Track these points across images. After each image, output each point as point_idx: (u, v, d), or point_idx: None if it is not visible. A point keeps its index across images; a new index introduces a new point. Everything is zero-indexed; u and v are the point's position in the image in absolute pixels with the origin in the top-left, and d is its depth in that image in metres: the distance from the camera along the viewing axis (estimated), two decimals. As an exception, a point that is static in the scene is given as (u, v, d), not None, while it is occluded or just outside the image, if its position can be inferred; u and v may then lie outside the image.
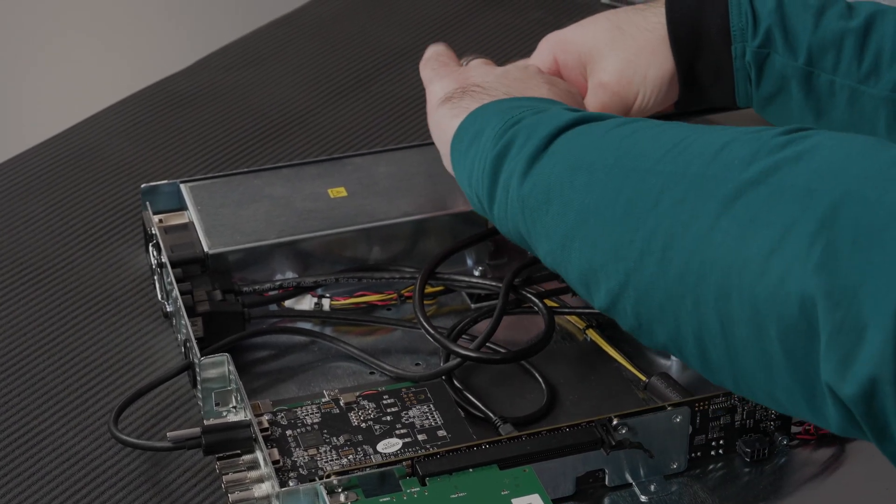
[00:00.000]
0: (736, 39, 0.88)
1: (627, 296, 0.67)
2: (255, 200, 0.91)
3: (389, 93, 1.14)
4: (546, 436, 0.74)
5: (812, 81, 0.88)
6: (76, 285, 0.92)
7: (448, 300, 0.89)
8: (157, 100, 1.13)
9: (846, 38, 0.87)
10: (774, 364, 0.60)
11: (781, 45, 0.88)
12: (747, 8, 0.88)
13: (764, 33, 0.88)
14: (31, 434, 0.81)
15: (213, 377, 0.79)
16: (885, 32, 0.87)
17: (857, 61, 0.87)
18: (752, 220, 0.61)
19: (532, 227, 0.73)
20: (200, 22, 2.00)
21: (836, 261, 0.57)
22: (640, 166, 0.67)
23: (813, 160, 0.61)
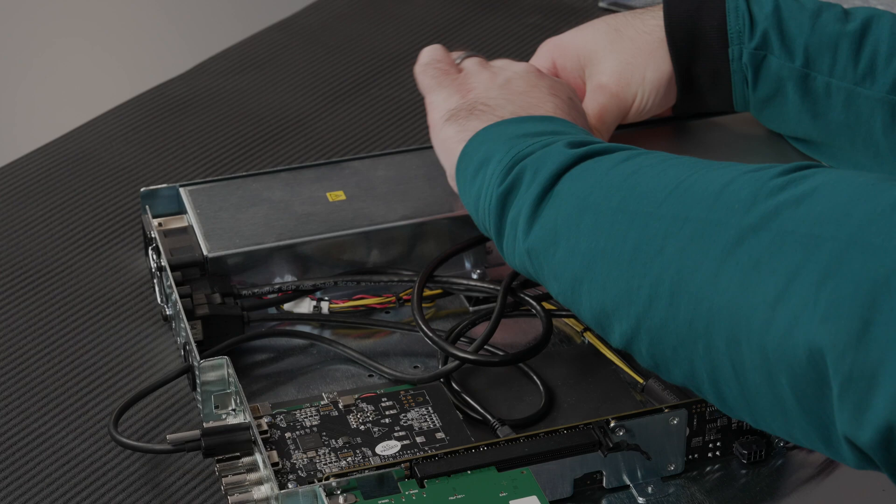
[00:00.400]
0: (733, 42, 0.89)
1: (641, 338, 0.67)
2: (254, 204, 0.92)
3: (387, 97, 1.14)
4: (544, 438, 0.74)
5: (808, 83, 0.89)
6: (76, 289, 0.92)
7: (446, 303, 0.90)
8: (155, 104, 1.14)
9: (842, 40, 0.88)
10: (788, 409, 0.61)
11: (778, 47, 0.88)
12: (744, 11, 0.89)
13: (761, 35, 0.88)
14: (31, 437, 0.81)
15: (212, 380, 0.79)
16: (881, 35, 0.88)
17: (852, 63, 0.88)
18: (755, 266, 0.61)
19: (540, 269, 0.73)
20: (199, 27, 2.01)
21: (841, 310, 0.57)
22: (643, 209, 0.67)
23: (814, 204, 0.61)
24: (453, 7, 1.28)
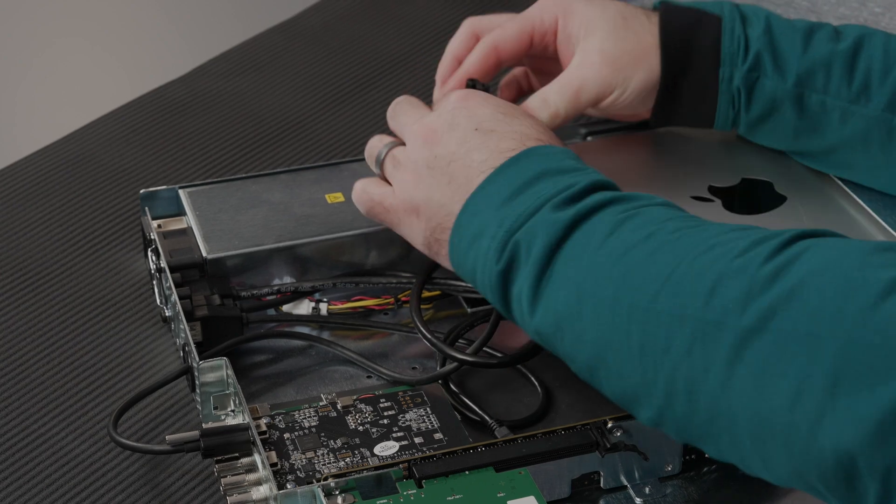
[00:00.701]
0: (725, 63, 0.89)
1: (668, 426, 0.68)
2: (254, 206, 0.92)
3: (387, 99, 1.14)
4: (541, 438, 0.74)
5: (803, 101, 0.89)
6: (76, 290, 0.93)
7: (445, 305, 0.90)
8: (155, 106, 1.14)
9: (835, 59, 0.88)
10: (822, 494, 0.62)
11: (771, 68, 0.89)
12: (740, 33, 0.89)
13: (754, 57, 0.89)
14: (30, 438, 0.81)
15: (211, 381, 0.79)
16: (873, 54, 0.88)
17: (846, 82, 0.88)
18: (764, 371, 0.62)
19: (553, 349, 0.74)
20: (199, 28, 2.01)
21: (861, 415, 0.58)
22: (639, 303, 0.68)
23: (805, 300, 0.62)
24: (454, 9, 1.28)
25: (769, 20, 0.90)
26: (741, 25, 0.89)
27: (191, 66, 1.20)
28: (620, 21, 0.89)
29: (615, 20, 0.89)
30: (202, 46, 1.43)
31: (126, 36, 2.02)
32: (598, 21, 0.89)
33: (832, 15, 1.22)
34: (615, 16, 0.89)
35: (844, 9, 1.22)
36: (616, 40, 0.89)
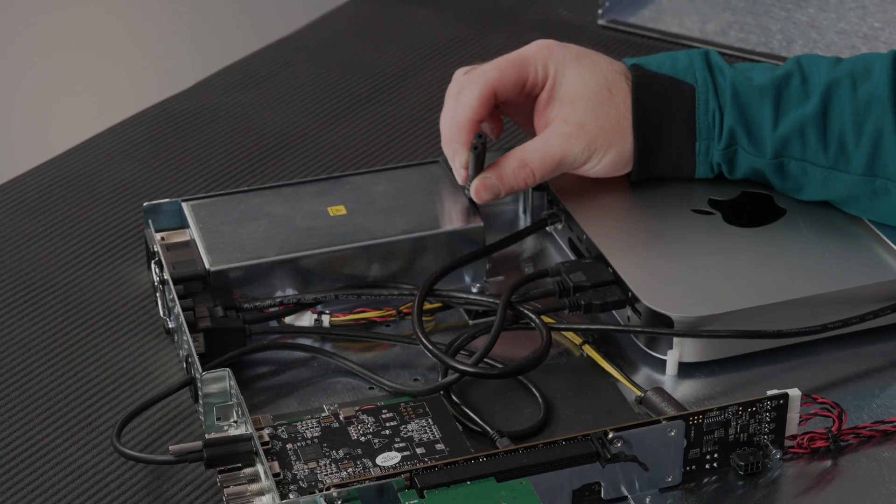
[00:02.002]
0: (701, 137, 0.90)
1: None
2: (256, 218, 0.92)
3: (388, 113, 1.15)
4: (542, 449, 0.75)
5: (785, 168, 0.90)
6: (79, 302, 0.93)
7: (446, 316, 0.90)
8: (158, 120, 1.14)
9: (807, 125, 0.88)
10: None
11: (747, 143, 0.89)
12: (714, 107, 0.89)
13: (728, 135, 0.89)
14: (35, 448, 0.82)
15: (214, 392, 0.79)
16: (844, 110, 0.88)
17: (822, 147, 0.88)
18: None
19: None
20: (201, 44, 2.02)
21: None
22: None
23: None
24: (454, 25, 1.29)
25: (735, 87, 0.89)
26: (714, 97, 0.89)
27: (193, 81, 1.21)
28: (606, 94, 0.89)
29: (601, 92, 0.89)
30: (204, 61, 1.44)
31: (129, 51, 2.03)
32: (584, 90, 0.89)
33: (832, 30, 1.22)
34: (601, 85, 0.90)
35: (844, 24, 1.22)
36: (597, 116, 0.89)
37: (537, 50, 0.91)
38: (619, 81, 0.90)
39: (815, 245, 0.90)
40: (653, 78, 0.90)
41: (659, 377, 0.86)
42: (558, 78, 0.90)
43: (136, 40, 2.02)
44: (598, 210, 0.93)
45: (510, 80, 0.90)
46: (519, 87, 0.91)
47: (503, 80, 0.90)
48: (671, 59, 0.91)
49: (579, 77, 0.90)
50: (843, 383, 0.85)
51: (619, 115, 0.90)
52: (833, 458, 0.80)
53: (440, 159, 0.98)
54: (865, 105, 0.88)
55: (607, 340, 0.88)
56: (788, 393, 0.78)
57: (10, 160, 1.74)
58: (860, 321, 0.86)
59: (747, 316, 0.85)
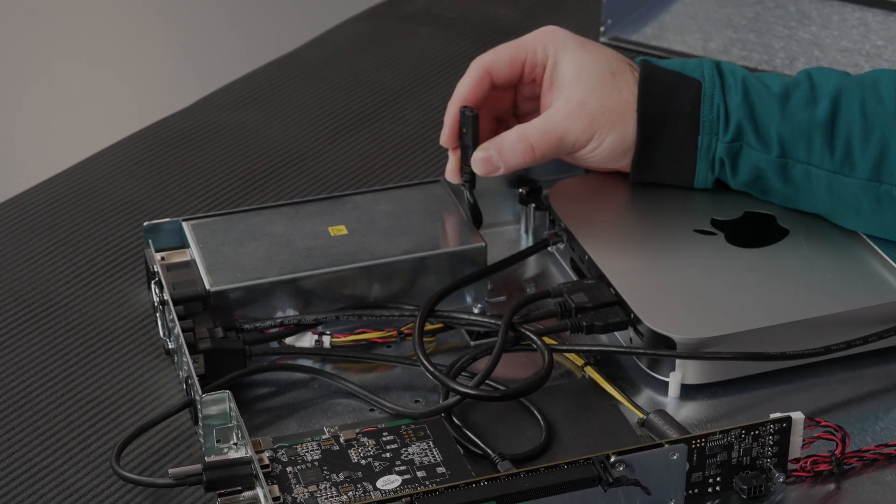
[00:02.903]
0: (704, 131, 0.89)
1: None
2: (256, 238, 0.92)
3: (389, 131, 1.15)
4: (544, 473, 0.74)
5: (787, 171, 0.90)
6: (79, 322, 0.93)
7: (447, 337, 0.90)
8: (159, 138, 1.14)
9: (814, 129, 0.88)
10: None
11: (753, 138, 0.89)
12: (720, 101, 0.89)
13: (735, 128, 0.89)
14: (33, 470, 0.81)
15: (214, 414, 0.79)
16: (852, 118, 0.88)
17: (828, 151, 0.88)
18: None
19: None
20: (202, 61, 2.02)
21: None
22: None
23: None
24: (455, 43, 1.28)
25: (746, 85, 0.90)
26: (720, 92, 0.90)
27: (194, 99, 1.21)
28: (608, 76, 0.90)
29: (603, 74, 0.90)
30: (206, 79, 1.44)
31: (130, 68, 2.03)
32: (587, 71, 0.90)
33: (835, 48, 1.22)
34: (604, 69, 0.90)
35: (847, 41, 1.22)
36: (599, 96, 0.89)
37: (539, 34, 0.92)
38: (623, 69, 0.91)
39: (818, 266, 0.90)
40: (661, 72, 0.91)
41: (661, 399, 0.85)
42: (559, 60, 0.90)
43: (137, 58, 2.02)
44: (600, 230, 0.93)
45: (504, 60, 0.91)
46: (516, 69, 0.91)
47: (497, 61, 0.91)
48: (682, 61, 0.93)
49: (580, 59, 0.90)
50: (846, 406, 0.85)
51: (622, 99, 0.90)
52: (836, 482, 0.79)
53: (441, 179, 0.97)
54: (873, 114, 0.88)
55: (609, 362, 0.87)
56: (792, 416, 0.77)
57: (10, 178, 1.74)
58: (863, 343, 0.86)
59: (750, 338, 0.84)
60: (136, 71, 2.03)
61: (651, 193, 0.97)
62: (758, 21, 1.27)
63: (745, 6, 1.29)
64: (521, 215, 0.98)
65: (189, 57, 2.03)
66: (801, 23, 1.25)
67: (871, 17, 1.25)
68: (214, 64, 1.95)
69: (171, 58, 2.04)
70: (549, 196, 0.96)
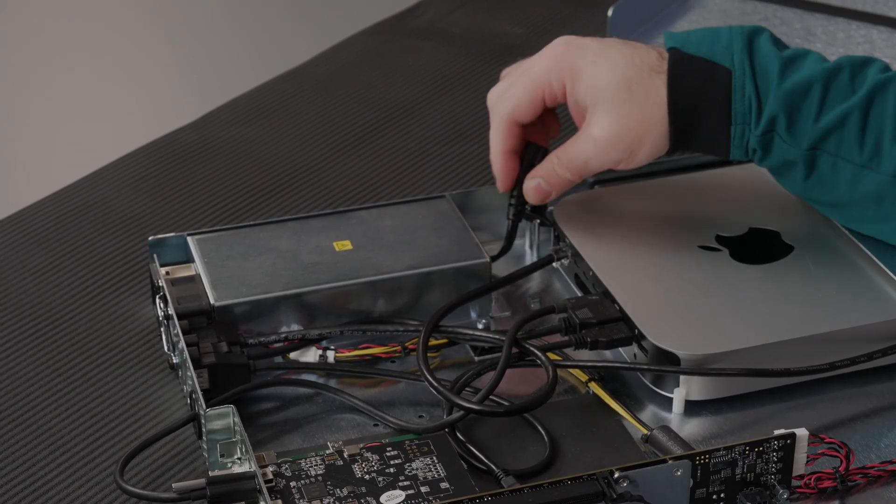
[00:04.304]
0: (736, 121, 0.88)
1: None
2: (261, 253, 0.92)
3: (394, 147, 1.15)
4: (548, 488, 0.74)
5: (815, 161, 0.88)
6: (83, 336, 0.93)
7: (452, 353, 0.90)
8: (164, 153, 1.14)
9: (848, 120, 0.87)
10: None
11: (785, 132, 0.88)
12: (751, 92, 0.88)
13: (768, 121, 0.88)
14: (37, 484, 0.81)
15: (218, 428, 0.79)
16: (885, 111, 0.87)
17: (858, 144, 0.87)
18: None
19: None
20: (208, 76, 2.02)
21: None
22: None
23: None
24: (460, 58, 1.29)
25: (784, 73, 0.88)
26: (752, 82, 0.88)
27: (200, 113, 1.21)
28: (625, 92, 0.89)
29: (619, 92, 0.89)
30: (211, 94, 1.44)
31: (136, 83, 2.03)
32: (602, 92, 0.89)
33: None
34: (620, 85, 0.89)
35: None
36: (619, 117, 0.89)
37: (548, 62, 0.91)
38: (641, 76, 0.89)
39: (822, 283, 0.90)
40: (689, 61, 0.89)
41: (665, 415, 0.85)
42: (575, 82, 0.90)
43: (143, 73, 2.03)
44: (604, 246, 0.93)
45: (524, 104, 0.92)
46: (538, 106, 0.92)
47: (518, 108, 0.92)
48: (712, 37, 0.90)
49: (594, 82, 0.89)
50: (850, 422, 0.84)
51: (644, 111, 0.89)
52: (841, 499, 0.79)
53: (447, 194, 0.98)
54: None
55: (613, 378, 0.87)
56: (796, 433, 0.77)
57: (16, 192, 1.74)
58: (868, 359, 0.86)
59: (754, 354, 0.84)
60: (142, 86, 2.03)
61: (656, 209, 0.97)
62: (763, 38, 1.26)
63: (750, 23, 1.29)
64: (526, 231, 0.98)
65: (195, 72, 2.04)
66: (807, 40, 1.25)
67: (877, 35, 1.26)
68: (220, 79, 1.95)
69: (177, 73, 2.05)
70: (554, 212, 0.96)
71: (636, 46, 0.91)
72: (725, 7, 1.32)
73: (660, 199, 0.97)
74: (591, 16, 1.35)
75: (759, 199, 0.97)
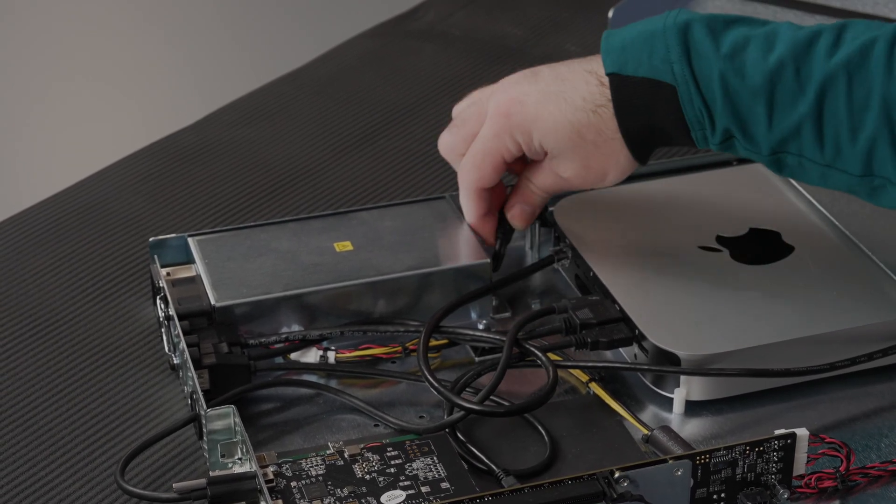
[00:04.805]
0: (694, 129, 0.86)
1: None
2: (262, 254, 0.92)
3: (395, 148, 1.15)
4: (548, 488, 0.74)
5: (782, 161, 0.86)
6: (84, 338, 0.93)
7: (452, 353, 0.90)
8: (165, 154, 1.15)
9: (802, 126, 0.84)
10: None
11: (742, 140, 0.86)
12: (699, 104, 0.85)
13: (723, 132, 0.86)
14: (38, 485, 0.81)
15: (219, 429, 0.79)
16: (838, 111, 0.83)
17: (818, 147, 0.84)
18: None
19: None
20: (208, 78, 2.02)
21: None
22: None
23: None
24: (461, 59, 1.29)
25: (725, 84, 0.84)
26: (697, 94, 0.85)
27: (200, 115, 1.21)
28: (577, 139, 0.88)
29: (572, 140, 0.88)
30: (212, 95, 1.44)
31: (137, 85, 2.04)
32: (556, 144, 0.89)
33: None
34: (570, 134, 0.88)
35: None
36: (579, 159, 0.89)
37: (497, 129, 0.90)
38: (587, 119, 0.88)
39: (823, 283, 0.90)
40: (631, 86, 0.86)
41: (666, 415, 0.85)
42: (529, 140, 0.89)
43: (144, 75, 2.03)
44: (604, 247, 0.93)
45: (488, 174, 0.92)
46: (500, 169, 0.92)
47: (483, 179, 0.92)
48: (648, 47, 0.86)
49: (544, 137, 0.89)
50: (851, 422, 0.84)
51: (599, 147, 0.88)
52: (841, 499, 0.79)
53: (447, 195, 0.98)
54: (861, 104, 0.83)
55: (614, 378, 0.87)
56: (796, 432, 0.77)
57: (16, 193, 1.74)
58: (868, 360, 0.86)
59: (755, 354, 0.84)
60: (143, 87, 2.03)
61: (656, 210, 0.97)
62: (763, 39, 1.26)
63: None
64: (527, 232, 0.99)
65: (195, 73, 2.04)
66: (807, 41, 1.25)
67: (877, 36, 1.25)
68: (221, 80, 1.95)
69: (177, 74, 2.05)
70: (554, 213, 0.97)
71: (572, 79, 0.88)
72: (725, 9, 1.32)
73: (660, 200, 0.97)
74: (591, 17, 1.35)
75: (760, 200, 0.97)
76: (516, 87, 0.90)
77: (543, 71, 0.91)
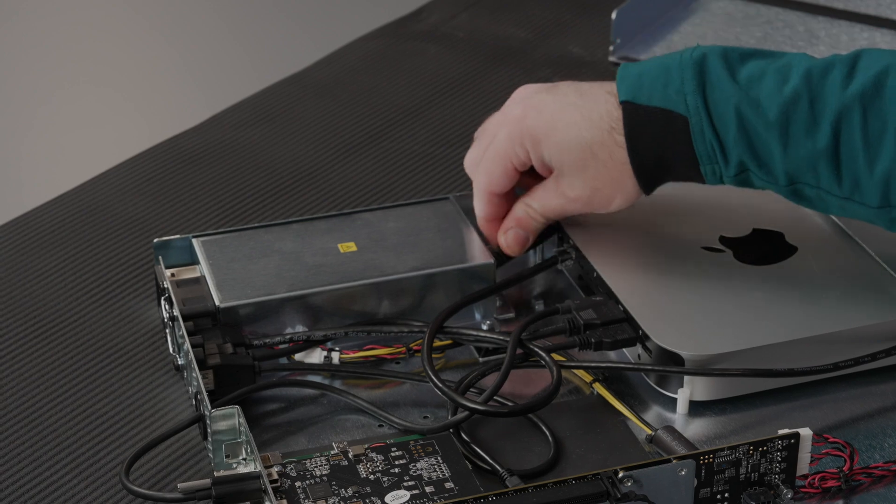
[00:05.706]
0: (704, 163, 0.86)
1: None
2: (266, 255, 0.92)
3: (398, 149, 1.15)
4: (552, 488, 0.74)
5: (801, 192, 0.86)
6: (89, 339, 0.93)
7: (456, 354, 0.90)
8: (169, 156, 1.15)
9: (819, 160, 0.84)
10: None
11: (757, 171, 0.86)
12: (711, 137, 0.85)
13: (737, 165, 0.86)
14: (43, 485, 0.81)
15: (223, 429, 0.79)
16: (854, 144, 0.83)
17: (835, 180, 0.84)
18: None
19: None
20: (212, 80, 2.03)
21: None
22: None
23: None
24: (464, 61, 1.29)
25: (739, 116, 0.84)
26: (710, 126, 0.85)
27: (204, 117, 1.21)
28: (588, 155, 0.88)
29: (583, 156, 0.88)
30: (216, 97, 1.44)
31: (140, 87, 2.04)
32: (566, 157, 0.89)
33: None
34: (582, 149, 0.88)
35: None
36: (587, 179, 0.89)
37: (510, 132, 0.90)
38: (602, 136, 0.88)
39: (826, 283, 0.90)
40: (644, 114, 0.87)
41: (669, 415, 0.85)
42: (539, 150, 0.89)
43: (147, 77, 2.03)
44: (608, 248, 0.93)
45: (498, 177, 0.92)
46: (512, 176, 0.92)
47: (493, 182, 0.92)
48: (664, 78, 0.87)
49: (555, 148, 0.89)
50: (854, 422, 0.85)
51: (609, 169, 0.88)
52: (845, 499, 0.79)
53: (451, 196, 0.98)
54: (877, 135, 0.83)
55: (618, 378, 0.88)
56: (800, 432, 0.77)
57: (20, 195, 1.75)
58: (872, 360, 0.86)
59: (758, 354, 0.84)
60: (146, 89, 2.04)
61: (659, 210, 0.97)
62: (766, 41, 1.27)
63: (753, 26, 1.29)
64: (530, 233, 0.99)
65: (199, 75, 2.04)
66: (810, 42, 1.26)
67: (880, 37, 1.26)
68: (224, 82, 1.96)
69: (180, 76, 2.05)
70: (557, 213, 0.97)
71: (592, 95, 0.89)
72: (729, 10, 1.32)
73: (663, 201, 0.97)
74: (594, 19, 1.35)
75: (763, 201, 0.97)
76: (536, 96, 0.91)
77: (564, 85, 0.91)
